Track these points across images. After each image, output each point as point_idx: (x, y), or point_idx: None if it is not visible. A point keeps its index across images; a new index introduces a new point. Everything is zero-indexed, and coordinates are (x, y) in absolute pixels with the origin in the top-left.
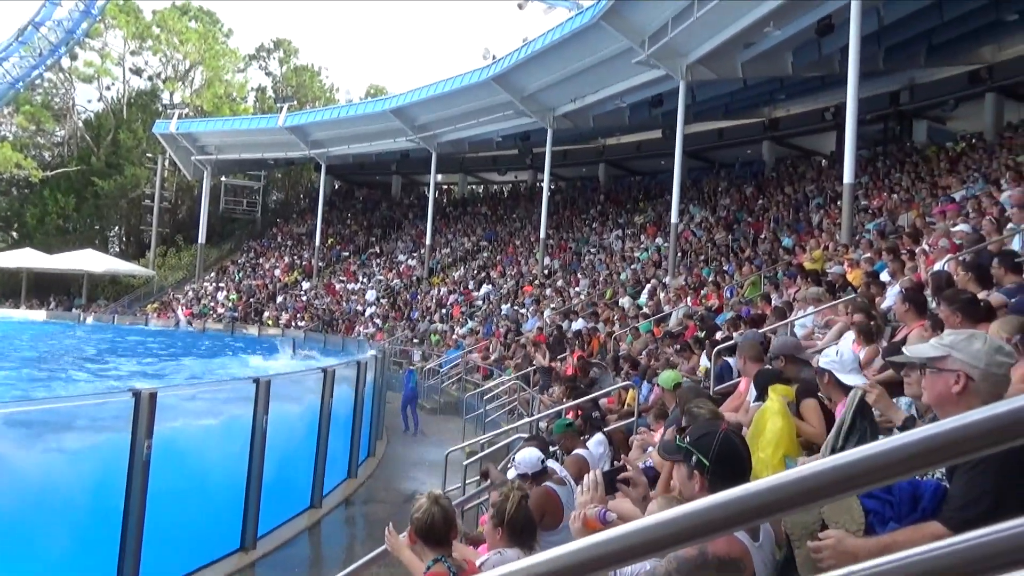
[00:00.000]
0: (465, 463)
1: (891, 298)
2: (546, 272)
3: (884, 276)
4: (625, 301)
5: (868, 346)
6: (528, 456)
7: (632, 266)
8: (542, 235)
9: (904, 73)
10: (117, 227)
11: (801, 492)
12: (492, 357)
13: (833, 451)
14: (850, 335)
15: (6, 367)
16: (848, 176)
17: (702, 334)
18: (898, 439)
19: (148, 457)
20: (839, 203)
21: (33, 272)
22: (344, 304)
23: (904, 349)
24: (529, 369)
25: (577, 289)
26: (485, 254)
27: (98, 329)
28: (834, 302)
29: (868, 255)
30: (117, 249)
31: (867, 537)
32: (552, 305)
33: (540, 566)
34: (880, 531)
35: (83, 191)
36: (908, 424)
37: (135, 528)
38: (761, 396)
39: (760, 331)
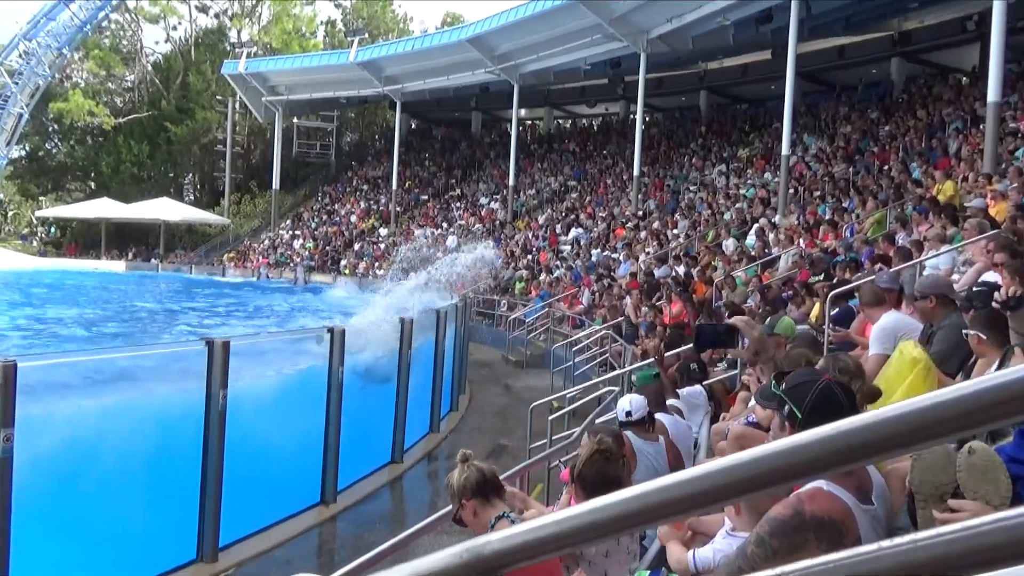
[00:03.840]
0: (551, 417)
1: None
2: (640, 213)
3: None
4: (729, 244)
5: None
6: (635, 399)
7: (737, 205)
8: (636, 172)
9: None
10: (191, 174)
11: (910, 429)
12: (581, 306)
13: None
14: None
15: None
16: (993, 94)
17: (817, 278)
18: None
19: (224, 407)
20: (981, 127)
21: (112, 222)
22: (422, 250)
23: None
24: (621, 319)
25: (675, 231)
26: (573, 195)
27: (184, 281)
28: (976, 238)
29: (1015, 185)
30: (192, 197)
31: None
32: (647, 249)
33: (577, 518)
34: None
35: (156, 137)
36: None
37: (214, 479)
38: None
39: (893, 270)
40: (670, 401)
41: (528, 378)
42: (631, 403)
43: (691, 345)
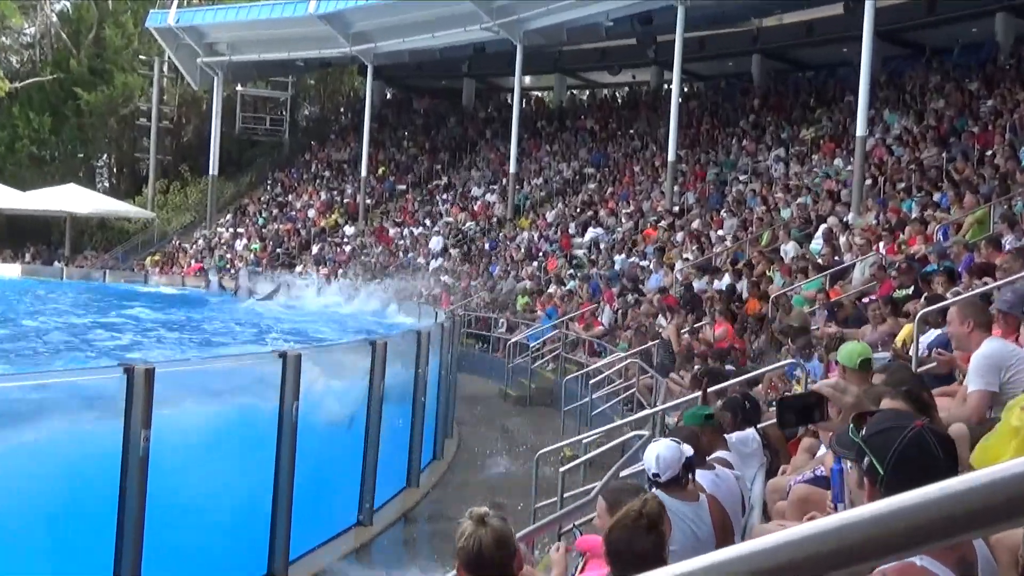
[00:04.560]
0: (562, 470)
1: None
2: (676, 210)
3: None
4: (789, 248)
5: None
6: (663, 452)
7: (799, 199)
8: (671, 158)
9: None
10: (106, 155)
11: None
12: (601, 327)
13: None
14: None
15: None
16: None
17: (904, 292)
18: None
19: (146, 452)
20: None
21: (4, 214)
22: (401, 255)
23: None
24: (652, 344)
25: (720, 232)
26: (591, 186)
27: (96, 290)
28: None
29: None
30: (107, 184)
31: None
32: (685, 255)
33: None
34: None
35: (62, 107)
36: None
37: (132, 546)
38: None
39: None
40: (716, 453)
41: (533, 419)
42: (662, 455)
43: (737, 379)
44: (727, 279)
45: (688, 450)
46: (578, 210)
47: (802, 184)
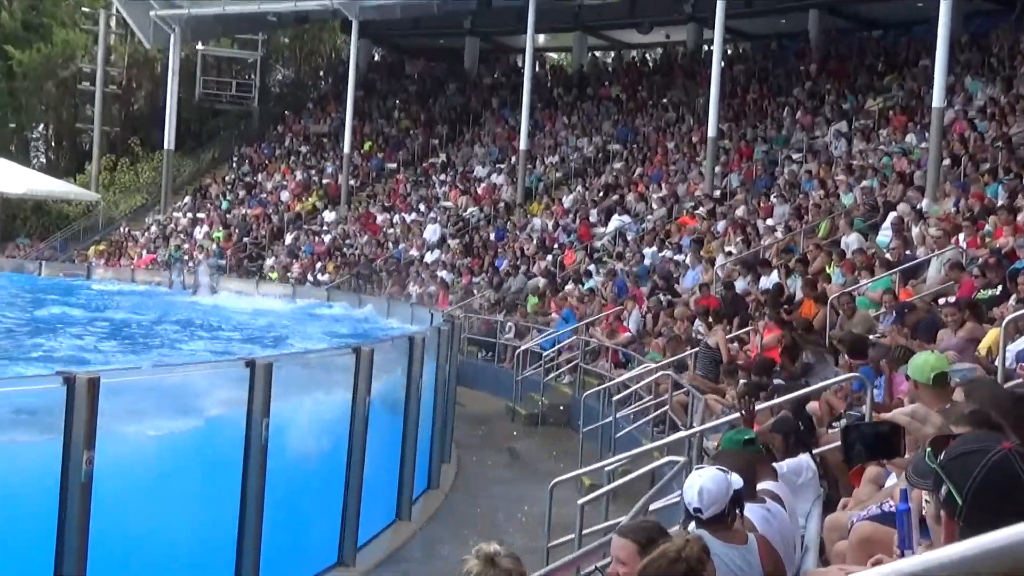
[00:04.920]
0: (581, 501)
1: None
2: (718, 194)
3: None
4: (851, 240)
5: None
6: (708, 483)
7: (864, 183)
8: (711, 132)
9: None
10: (42, 125)
11: None
12: (628, 333)
13: None
14: None
15: None
16: None
17: (988, 292)
18: None
19: (89, 477)
20: None
21: None
22: (390, 246)
23: None
24: (688, 352)
25: (769, 222)
26: (617, 165)
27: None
28: None
29: None
30: (43, 160)
31: None
32: (727, 248)
33: None
34: None
35: None
36: None
37: None
38: None
39: None
40: (764, 484)
41: (546, 441)
42: (706, 487)
43: (788, 395)
44: (775, 277)
45: (737, 481)
46: (601, 194)
47: (867, 164)
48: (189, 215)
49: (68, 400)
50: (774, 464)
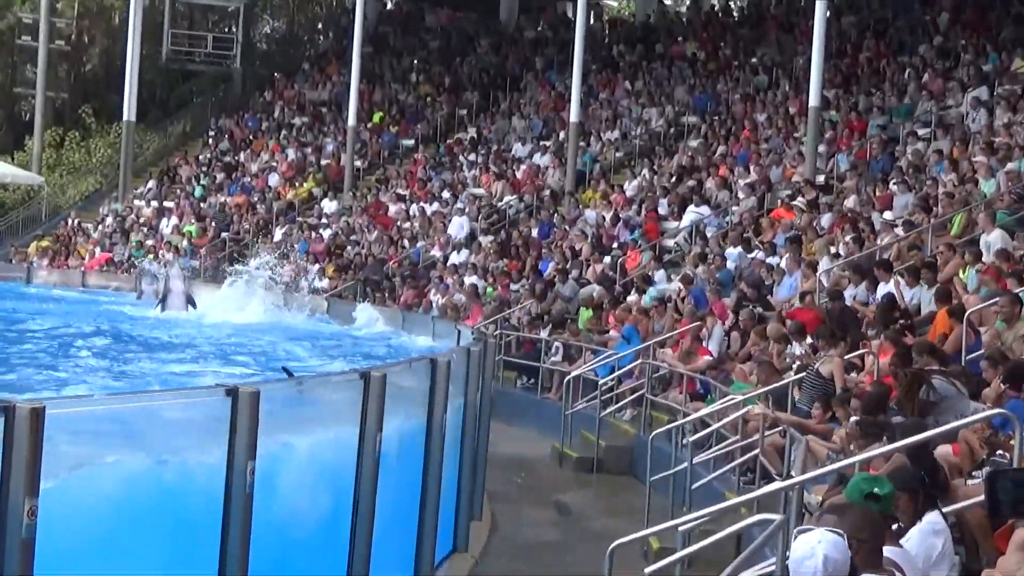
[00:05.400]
0: (648, 571)
1: None
2: (821, 180)
3: None
4: (993, 238)
5: None
6: (831, 550)
7: (1009, 165)
8: (813, 101)
9: None
10: None
11: None
12: (707, 356)
13: None
14: None
15: None
16: None
17: None
18: None
19: (33, 531)
20: None
21: None
22: (406, 244)
23: None
24: (788, 379)
25: (888, 215)
26: (692, 143)
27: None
28: None
29: None
30: None
31: None
32: (834, 249)
33: None
34: None
35: None
36: None
37: None
38: None
39: None
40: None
41: (603, 493)
42: (830, 556)
43: (910, 436)
44: (892, 284)
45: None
46: (673, 179)
47: (1014, 143)
48: (154, 204)
49: (6, 434)
50: (899, 532)
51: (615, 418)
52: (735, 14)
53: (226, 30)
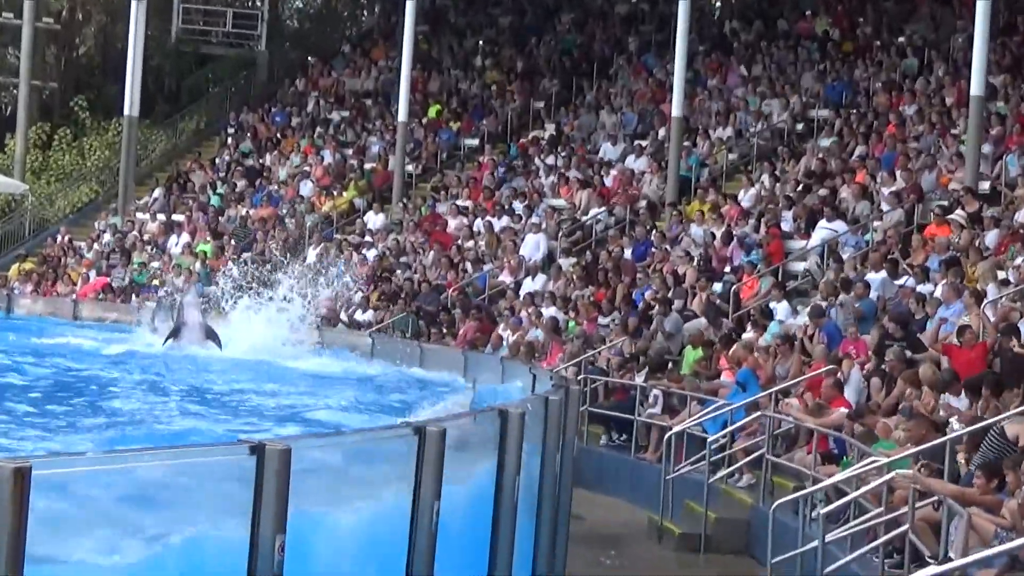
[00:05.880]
0: None
1: None
2: (987, 187)
3: None
4: None
5: None
6: None
7: None
8: (975, 89)
9: None
10: None
11: None
12: (843, 408)
13: None
14: None
15: None
16: None
17: None
18: None
19: None
20: None
21: None
22: (468, 268)
23: None
24: (945, 437)
25: None
26: (825, 142)
27: None
28: None
29: None
30: None
31: None
32: (1001, 273)
33: None
34: None
35: None
36: None
37: None
38: None
39: None
40: None
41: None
42: None
43: None
44: None
45: None
46: (799, 188)
47: None
48: (161, 217)
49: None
50: None
51: (728, 484)
52: None
53: (249, 4)
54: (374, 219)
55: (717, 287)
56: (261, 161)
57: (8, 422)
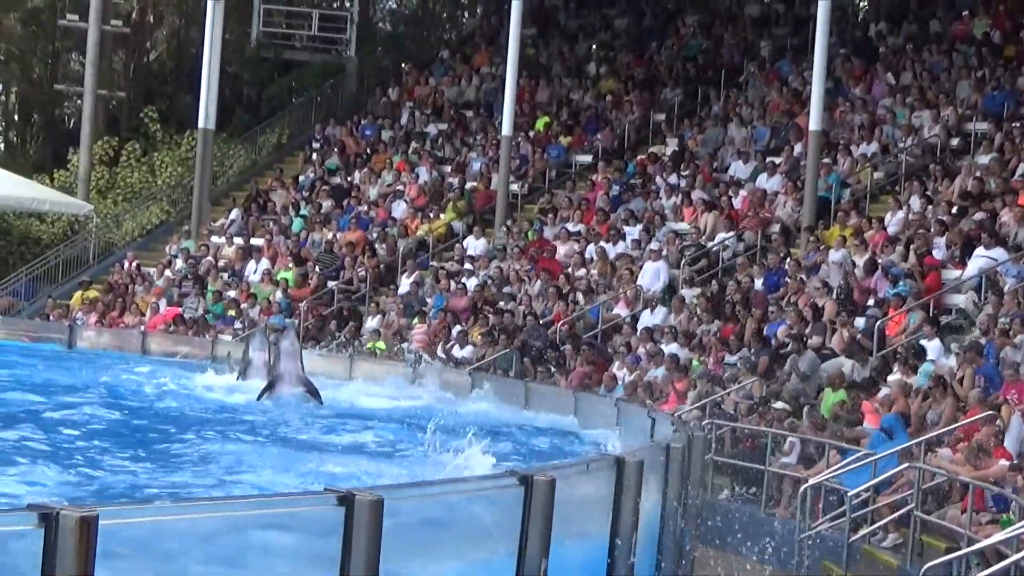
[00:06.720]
0: None
1: None
2: None
3: None
4: None
5: None
6: None
7: None
8: None
9: None
10: (2, 92)
11: None
12: (1004, 460)
13: None
14: None
15: None
16: None
17: None
18: None
19: None
20: None
21: None
22: (580, 299)
23: None
24: None
25: None
26: (983, 159)
27: None
28: None
29: None
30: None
31: None
32: None
33: None
34: None
35: None
36: None
37: None
38: None
39: None
40: None
41: None
42: None
43: None
44: None
45: None
46: (954, 210)
47: None
48: (238, 241)
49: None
50: None
51: (871, 544)
52: None
53: (337, 6)
54: (474, 244)
55: (859, 322)
56: (349, 179)
57: (76, 465)
